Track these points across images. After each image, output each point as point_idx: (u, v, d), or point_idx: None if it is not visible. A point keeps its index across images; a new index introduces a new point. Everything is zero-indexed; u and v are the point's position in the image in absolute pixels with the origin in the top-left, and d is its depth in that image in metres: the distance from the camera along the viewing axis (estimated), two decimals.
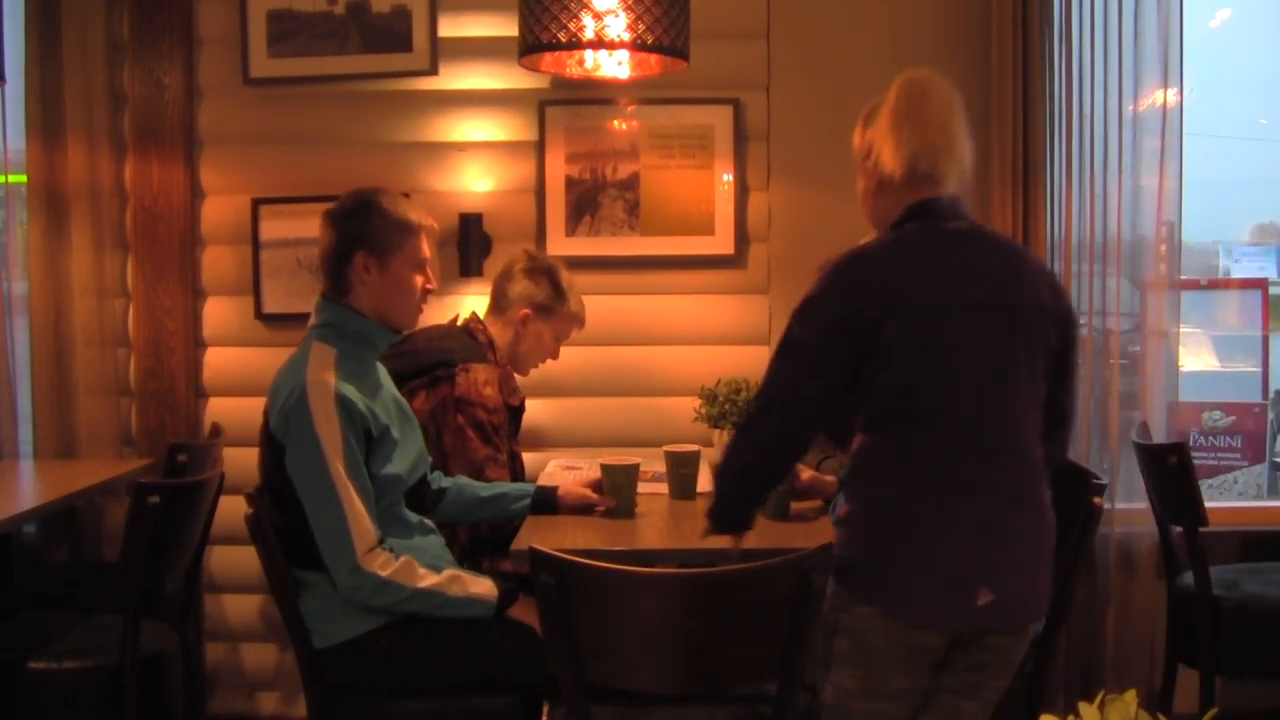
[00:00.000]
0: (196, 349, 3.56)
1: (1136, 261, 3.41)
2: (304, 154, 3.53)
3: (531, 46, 2.62)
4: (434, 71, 3.47)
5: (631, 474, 2.59)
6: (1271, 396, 4.15)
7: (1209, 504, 2.94)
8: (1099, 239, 3.37)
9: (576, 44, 2.56)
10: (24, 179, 3.45)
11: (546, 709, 2.43)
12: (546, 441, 3.49)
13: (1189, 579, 3.00)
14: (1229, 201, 4.91)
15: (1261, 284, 4.36)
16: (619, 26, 2.53)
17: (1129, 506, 3.36)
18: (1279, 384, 4.18)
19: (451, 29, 3.48)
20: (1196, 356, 4.30)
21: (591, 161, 3.50)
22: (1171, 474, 2.94)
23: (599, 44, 2.56)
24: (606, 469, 2.61)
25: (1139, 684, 3.21)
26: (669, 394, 3.47)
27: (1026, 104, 3.34)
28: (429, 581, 2.23)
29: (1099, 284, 3.38)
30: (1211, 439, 3.97)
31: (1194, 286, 4.32)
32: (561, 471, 3.05)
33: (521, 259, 3.07)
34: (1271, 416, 4.09)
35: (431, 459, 2.59)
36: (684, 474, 2.72)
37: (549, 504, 2.64)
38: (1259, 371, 4.18)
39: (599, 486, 2.67)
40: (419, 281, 2.41)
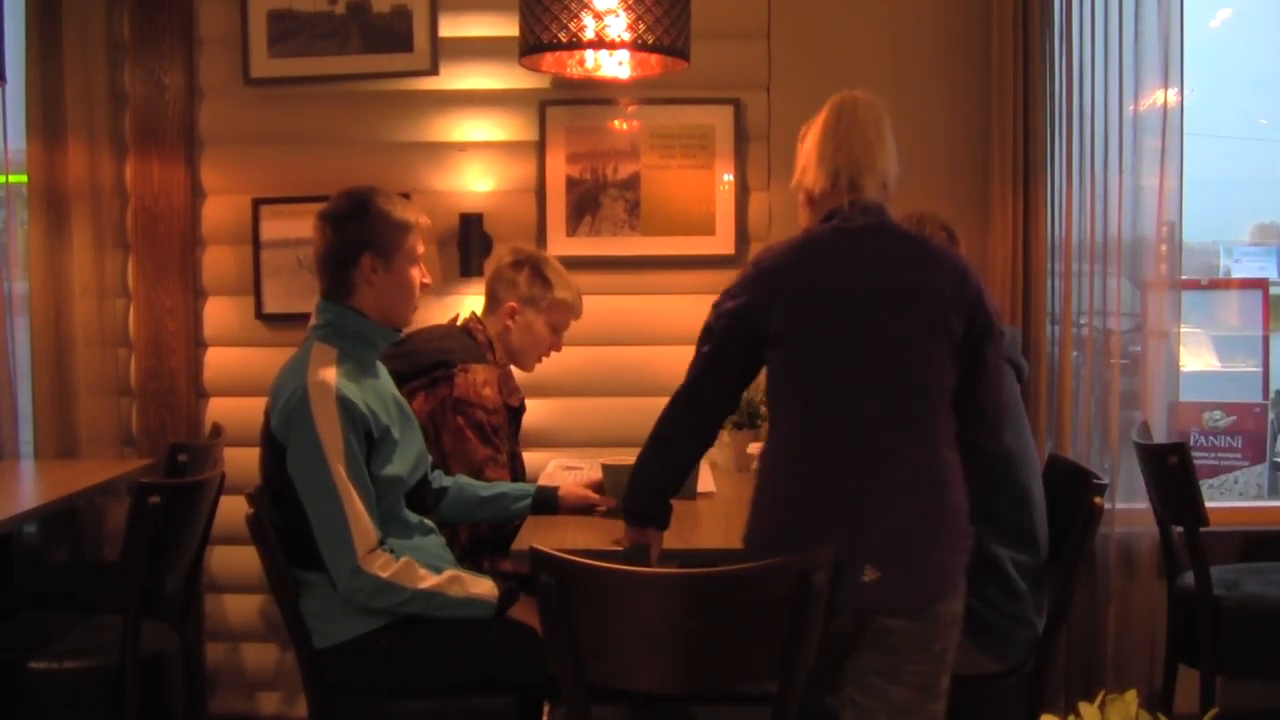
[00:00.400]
0: (197, 349, 3.56)
1: (1137, 261, 3.41)
2: (304, 154, 3.53)
3: (532, 46, 2.62)
4: (434, 71, 3.47)
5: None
6: (1272, 396, 4.15)
7: (1209, 504, 2.95)
8: (1099, 239, 3.37)
9: (577, 44, 2.56)
10: (24, 179, 3.45)
11: (547, 709, 2.43)
12: (547, 441, 3.49)
13: (1189, 579, 3.00)
14: (1229, 201, 4.90)
15: (1262, 284, 4.36)
16: (619, 26, 2.53)
17: (1129, 506, 3.36)
18: (1279, 384, 4.18)
19: (452, 29, 3.48)
20: (1197, 356, 4.30)
21: (592, 161, 3.50)
22: (1172, 474, 2.94)
23: (599, 44, 2.56)
24: (607, 469, 2.62)
25: (1139, 684, 3.21)
26: (669, 394, 3.43)
27: (1026, 104, 3.34)
28: (429, 582, 2.23)
29: (1099, 284, 3.38)
30: (1212, 439, 3.97)
31: (1194, 286, 4.32)
32: (562, 472, 3.05)
33: (507, 254, 3.06)
34: (1272, 416, 4.09)
35: (431, 459, 2.59)
36: None
37: (550, 504, 2.64)
38: (1259, 371, 4.18)
39: (599, 487, 2.68)
40: (416, 277, 2.42)
